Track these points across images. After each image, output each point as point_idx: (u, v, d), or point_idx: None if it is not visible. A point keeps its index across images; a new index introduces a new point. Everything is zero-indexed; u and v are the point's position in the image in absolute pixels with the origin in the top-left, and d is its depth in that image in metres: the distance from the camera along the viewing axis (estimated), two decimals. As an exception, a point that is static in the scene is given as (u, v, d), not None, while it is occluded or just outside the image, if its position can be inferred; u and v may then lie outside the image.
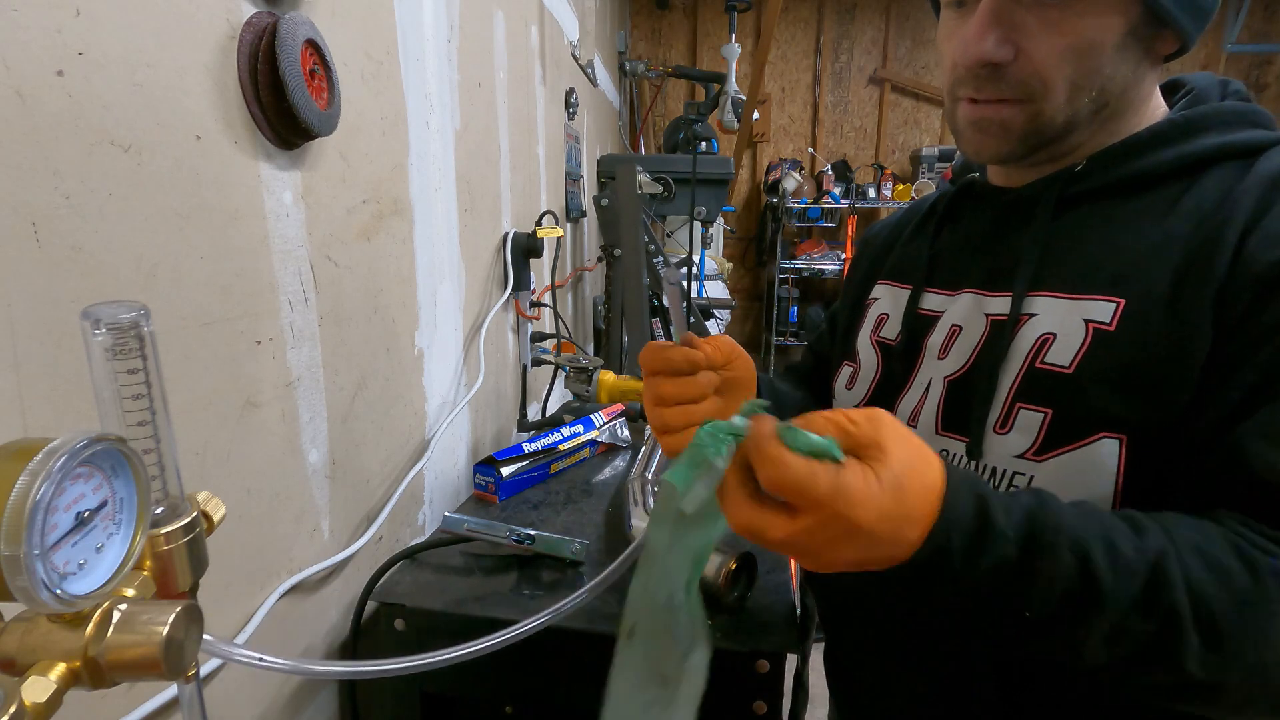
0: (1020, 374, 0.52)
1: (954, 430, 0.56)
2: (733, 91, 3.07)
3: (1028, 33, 0.49)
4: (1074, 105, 0.51)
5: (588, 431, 1.13)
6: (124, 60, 0.47)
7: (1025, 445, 0.51)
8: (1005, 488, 0.52)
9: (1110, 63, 0.49)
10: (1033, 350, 0.51)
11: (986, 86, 0.52)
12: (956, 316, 0.58)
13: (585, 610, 0.70)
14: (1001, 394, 0.52)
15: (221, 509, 0.40)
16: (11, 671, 0.30)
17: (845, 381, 0.68)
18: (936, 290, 0.62)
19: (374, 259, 0.84)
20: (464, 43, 1.12)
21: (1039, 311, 0.52)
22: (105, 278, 0.46)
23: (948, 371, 0.57)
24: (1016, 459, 0.51)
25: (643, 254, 2.07)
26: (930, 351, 0.59)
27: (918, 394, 0.60)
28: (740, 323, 4.66)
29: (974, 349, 0.56)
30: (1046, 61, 0.49)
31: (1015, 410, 0.52)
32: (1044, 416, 0.50)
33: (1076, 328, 0.50)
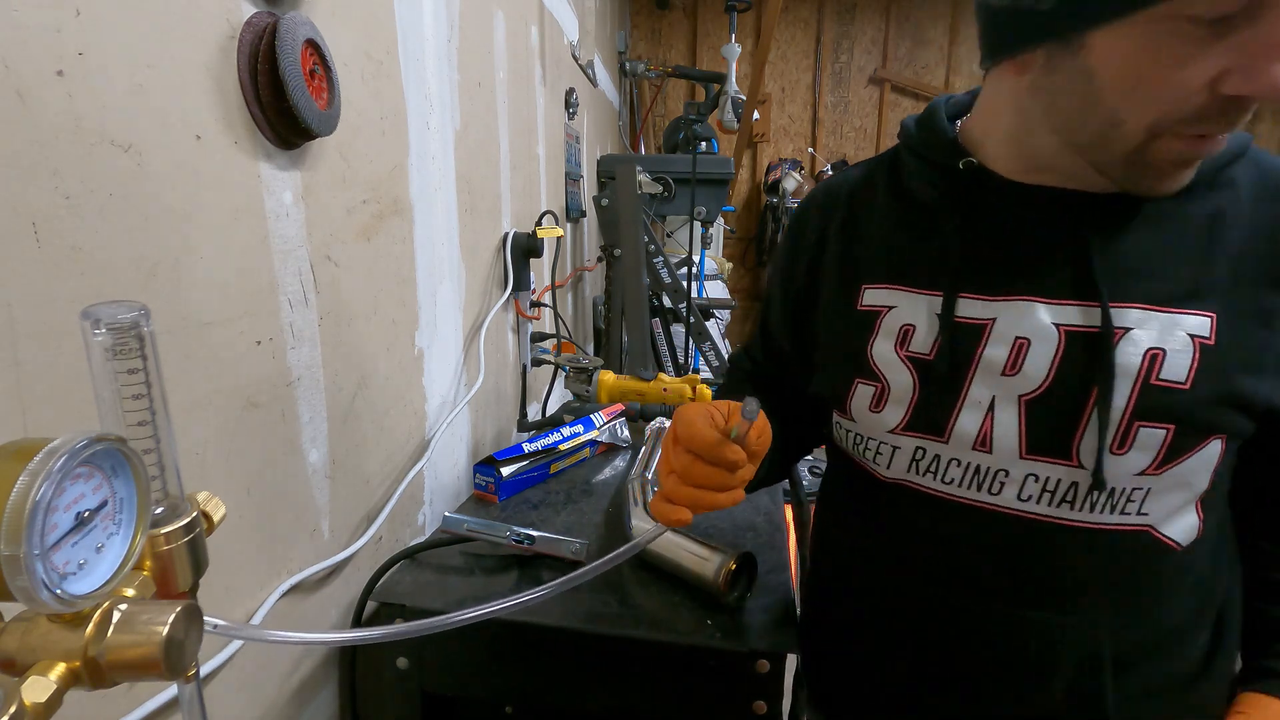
0: (1135, 392, 0.50)
1: (1047, 454, 0.52)
2: (733, 91, 3.07)
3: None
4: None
5: (588, 431, 1.13)
6: (124, 60, 0.47)
7: (1146, 463, 0.50)
8: (1123, 505, 0.52)
9: None
10: (1144, 367, 0.50)
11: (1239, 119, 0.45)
12: (1016, 327, 0.53)
13: (585, 610, 0.70)
14: (1117, 415, 0.50)
15: (221, 509, 0.40)
16: (11, 671, 0.30)
17: (869, 403, 0.60)
18: (975, 296, 0.55)
19: (374, 259, 0.84)
20: (464, 43, 1.12)
21: (1133, 325, 0.50)
22: (105, 278, 0.46)
23: (1023, 390, 0.53)
24: (1136, 476, 0.51)
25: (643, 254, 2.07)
26: (989, 366, 0.54)
27: (979, 414, 0.54)
28: (740, 323, 4.66)
29: (1051, 364, 0.52)
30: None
31: (1134, 430, 0.50)
32: (1166, 433, 0.50)
33: (1183, 343, 0.49)
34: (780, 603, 0.72)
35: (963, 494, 0.56)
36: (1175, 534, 0.54)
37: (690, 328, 2.27)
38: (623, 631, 0.67)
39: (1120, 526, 0.53)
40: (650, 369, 1.85)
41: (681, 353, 2.45)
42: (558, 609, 0.70)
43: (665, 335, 2.43)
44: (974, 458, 0.55)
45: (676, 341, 2.46)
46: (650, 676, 0.68)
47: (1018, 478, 0.54)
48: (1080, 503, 0.52)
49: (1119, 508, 0.52)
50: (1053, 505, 0.53)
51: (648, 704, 0.69)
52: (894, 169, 0.63)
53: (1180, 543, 0.54)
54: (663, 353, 2.42)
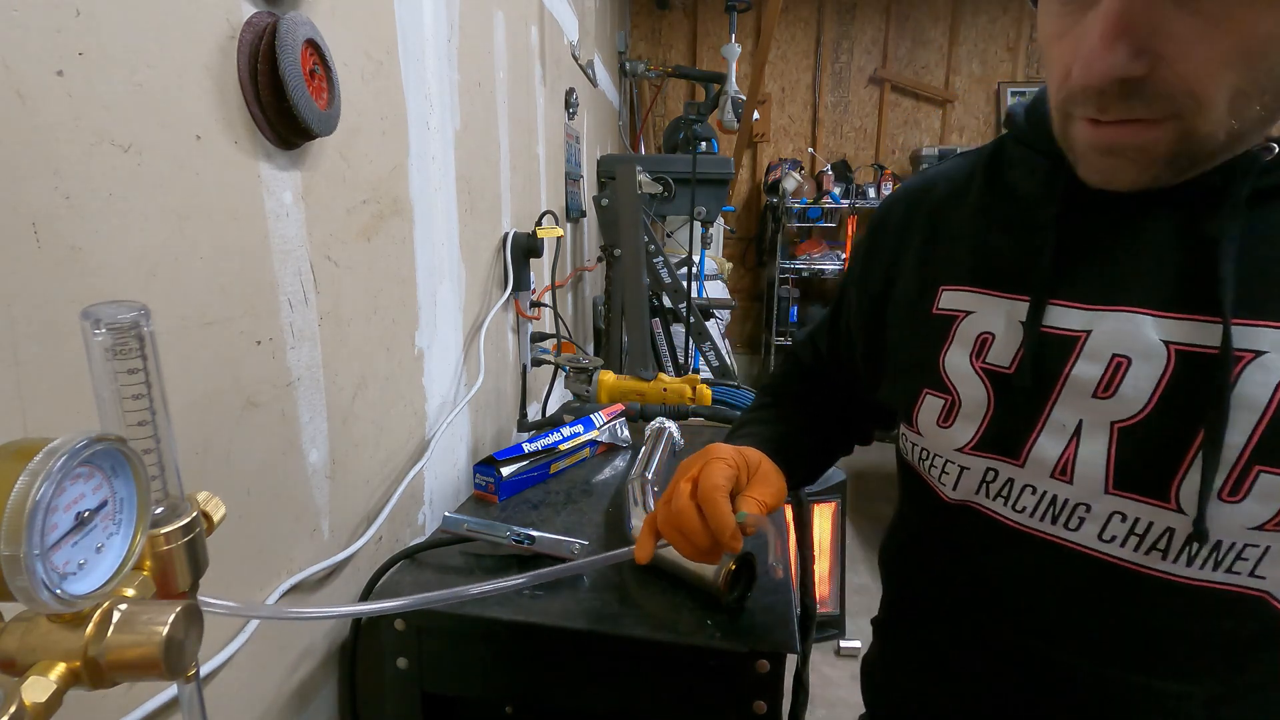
0: (1260, 429, 0.41)
1: (1138, 491, 0.45)
2: (733, 91, 3.07)
3: (1172, 37, 0.37)
4: (1244, 117, 0.39)
5: (588, 431, 1.13)
6: (124, 60, 0.47)
7: (1266, 516, 0.42)
8: (1230, 562, 0.44)
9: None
10: (1275, 400, 0.41)
11: (1114, 106, 0.40)
12: (1114, 343, 0.46)
13: (585, 610, 0.70)
14: (1231, 454, 0.42)
15: (221, 509, 0.40)
16: (11, 671, 0.30)
17: (938, 416, 0.55)
18: (1068, 303, 0.48)
19: (374, 259, 0.84)
20: (464, 43, 1.12)
21: (1268, 348, 0.41)
22: (105, 278, 0.46)
23: (1118, 416, 0.45)
24: (1252, 530, 0.42)
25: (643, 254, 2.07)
26: (1078, 386, 0.47)
27: (1062, 438, 0.48)
28: (740, 323, 4.66)
29: (1155, 389, 0.44)
30: (1200, 71, 0.37)
31: (1253, 474, 0.42)
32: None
33: None
34: (780, 603, 0.72)
35: (1035, 525, 0.50)
36: None
37: (690, 328, 2.27)
38: (623, 631, 0.67)
39: (1226, 587, 0.44)
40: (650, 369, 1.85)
41: (681, 353, 2.45)
42: (558, 609, 0.70)
43: (665, 335, 2.43)
44: (1052, 487, 0.48)
45: (676, 341, 2.46)
46: (650, 676, 0.68)
47: (1101, 515, 0.47)
48: (1175, 553, 0.44)
49: (1225, 565, 0.43)
50: (1140, 551, 0.46)
51: (648, 704, 0.69)
52: (994, 161, 0.56)
53: None
54: (663, 353, 2.42)
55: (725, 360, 2.37)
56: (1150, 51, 0.38)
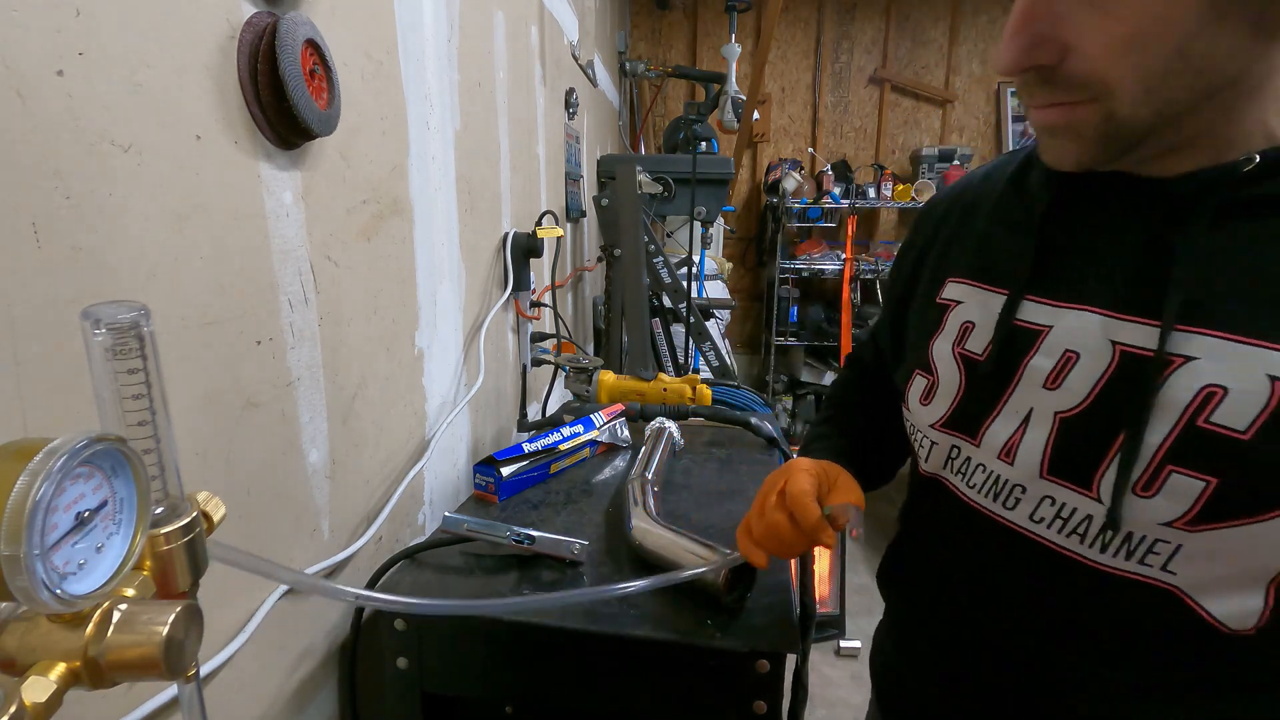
0: (1175, 431, 0.43)
1: (1067, 478, 0.49)
2: (733, 91, 3.07)
3: (1075, 26, 0.41)
4: (1159, 97, 0.41)
5: (588, 431, 1.13)
6: (124, 60, 0.47)
7: (1176, 514, 0.43)
8: (1143, 554, 0.46)
9: (1202, 39, 0.39)
10: (1194, 404, 0.43)
11: (1039, 92, 0.45)
12: (1070, 339, 0.49)
13: (585, 610, 0.70)
14: (1148, 452, 0.44)
15: (221, 509, 0.40)
16: (11, 671, 0.30)
17: (920, 395, 0.60)
18: (1040, 299, 0.51)
19: (374, 259, 0.84)
20: (464, 43, 1.12)
21: (1200, 355, 0.43)
22: (105, 278, 0.46)
23: (1061, 407, 0.49)
24: (1163, 526, 0.44)
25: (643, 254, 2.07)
26: (1033, 376, 0.50)
27: (1013, 422, 0.51)
28: (740, 323, 4.66)
29: (1096, 384, 0.47)
30: (1102, 57, 0.41)
31: (1165, 473, 0.44)
32: (1205, 486, 0.42)
33: (1257, 384, 0.41)
34: (780, 603, 0.72)
35: (981, 501, 0.55)
36: (1220, 612, 0.44)
37: (690, 328, 2.27)
38: (623, 631, 0.67)
39: (1138, 577, 0.46)
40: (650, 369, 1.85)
41: (681, 353, 2.45)
42: (558, 609, 0.70)
43: (665, 335, 2.43)
44: (997, 467, 0.53)
45: (676, 341, 2.46)
46: (650, 676, 0.68)
47: (1034, 497, 0.50)
48: (1092, 539, 0.48)
49: (1138, 555, 0.46)
50: (1063, 534, 0.49)
51: (648, 704, 0.69)
52: (1027, 160, 0.58)
53: (1228, 625, 0.45)
54: (663, 353, 2.42)
55: (725, 360, 2.37)
56: (1057, 41, 0.42)
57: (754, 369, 4.67)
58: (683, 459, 1.12)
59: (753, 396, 1.45)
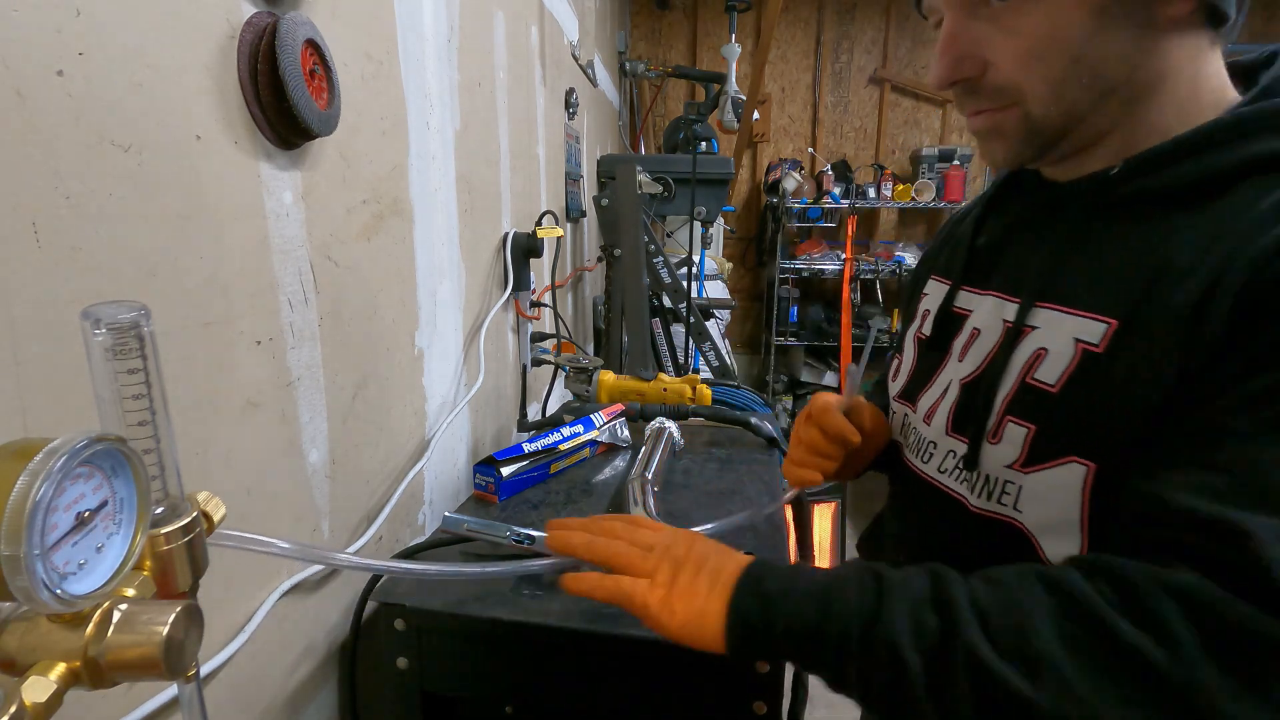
0: (1014, 387, 0.52)
1: (960, 433, 0.58)
2: (733, 91, 3.07)
3: (989, 44, 0.49)
4: (1066, 98, 0.48)
5: (588, 431, 1.13)
6: (124, 60, 0.47)
7: (1012, 457, 0.52)
8: (999, 494, 0.53)
9: (1091, 46, 0.46)
10: (1027, 364, 0.51)
11: (968, 102, 0.53)
12: (978, 319, 0.59)
13: (585, 610, 0.70)
14: (997, 404, 0.53)
15: (221, 509, 0.40)
16: (11, 671, 0.30)
17: (892, 373, 0.72)
18: (970, 289, 0.62)
19: (374, 259, 0.84)
20: (464, 43, 1.12)
21: (1040, 325, 0.52)
22: (105, 278, 0.46)
23: (963, 374, 0.58)
24: (1006, 469, 0.52)
25: (643, 254, 2.07)
26: (954, 353, 0.60)
27: (937, 393, 0.61)
28: (740, 322, 4.66)
29: (988, 355, 0.56)
30: (1015, 67, 0.48)
31: (1005, 422, 0.52)
32: (1028, 431, 0.50)
33: (1067, 346, 0.49)
34: (780, 603, 0.72)
35: (911, 459, 0.65)
36: (1052, 553, 0.50)
37: (690, 328, 2.27)
38: (623, 631, 0.67)
39: (994, 514, 0.54)
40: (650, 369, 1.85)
41: (681, 353, 2.45)
42: (558, 609, 0.70)
43: (665, 335, 2.43)
44: (922, 428, 0.63)
45: (676, 341, 2.46)
46: (650, 676, 0.68)
47: (941, 451, 0.60)
48: (967, 480, 0.57)
49: (995, 496, 0.54)
50: (956, 480, 0.58)
51: (648, 704, 0.69)
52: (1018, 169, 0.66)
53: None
54: (663, 353, 2.42)
55: (725, 360, 2.37)
56: (977, 58, 0.50)
57: (754, 369, 4.67)
58: (683, 459, 1.12)
59: (753, 396, 1.45)
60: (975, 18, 0.49)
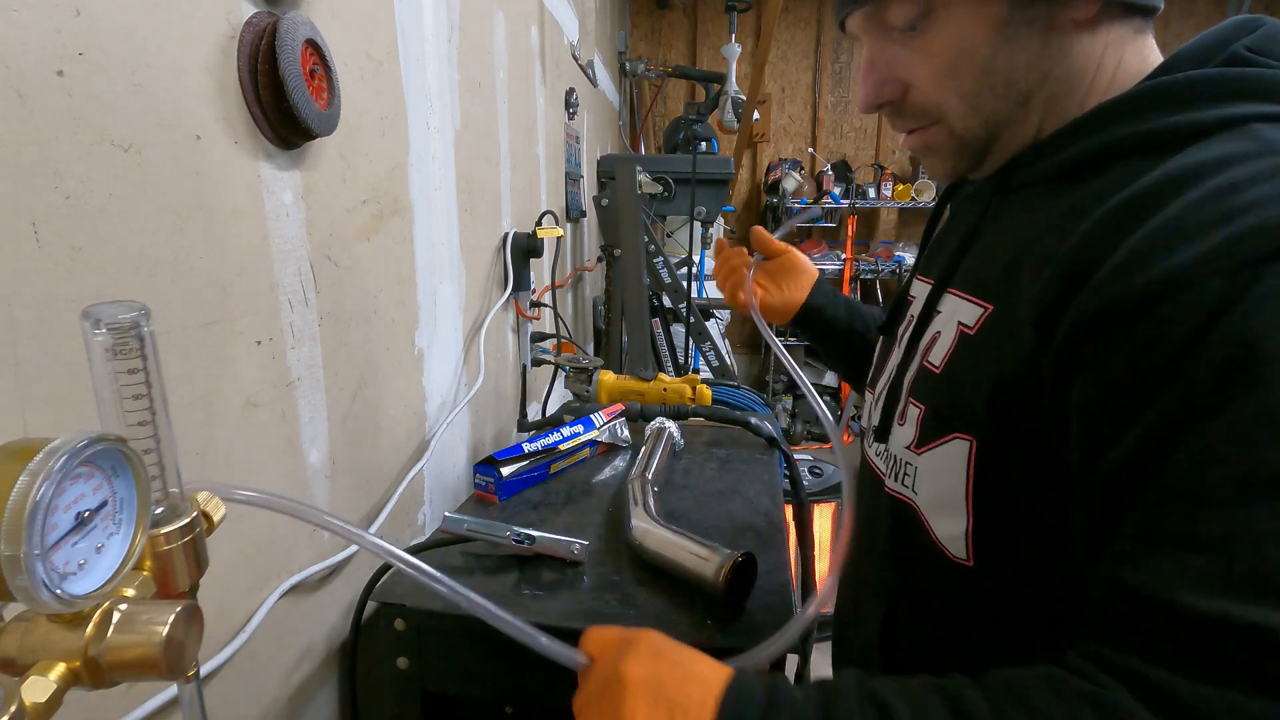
0: (915, 370, 0.55)
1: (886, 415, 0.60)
2: (733, 91, 3.07)
3: (906, 67, 0.51)
4: (983, 110, 0.50)
5: (588, 431, 1.13)
6: (124, 60, 0.47)
7: (910, 438, 0.54)
8: (901, 475, 0.55)
9: (999, 58, 0.48)
10: (925, 347, 0.54)
11: (898, 122, 0.55)
12: (916, 306, 0.61)
13: (585, 610, 0.70)
14: (904, 388, 0.56)
15: (221, 509, 0.40)
16: (11, 671, 0.30)
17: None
18: (920, 278, 0.64)
19: (374, 259, 0.84)
20: (464, 43, 1.12)
21: (943, 309, 0.54)
22: (105, 278, 0.46)
23: (897, 359, 0.60)
24: (905, 449, 0.54)
25: (643, 254, 2.07)
26: (900, 339, 0.62)
27: (885, 380, 0.63)
28: (740, 323, 4.66)
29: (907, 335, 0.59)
30: (932, 87, 0.50)
31: (908, 404, 0.55)
32: (919, 412, 0.53)
33: (952, 328, 0.51)
34: (780, 603, 0.72)
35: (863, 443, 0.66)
36: (941, 533, 0.51)
37: (690, 328, 2.27)
38: (623, 631, 0.67)
39: (899, 494, 0.56)
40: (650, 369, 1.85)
41: (681, 353, 2.45)
42: (558, 609, 0.70)
43: (665, 335, 2.43)
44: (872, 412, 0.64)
45: (676, 341, 2.46)
46: (650, 676, 0.68)
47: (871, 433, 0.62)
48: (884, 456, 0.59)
49: (899, 476, 0.56)
50: (880, 460, 0.60)
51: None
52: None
53: (949, 549, 0.51)
54: (663, 353, 2.42)
55: (725, 360, 2.37)
56: (898, 80, 0.52)
57: (754, 369, 4.67)
58: (683, 459, 1.12)
59: (753, 396, 1.46)
60: (891, 42, 0.51)
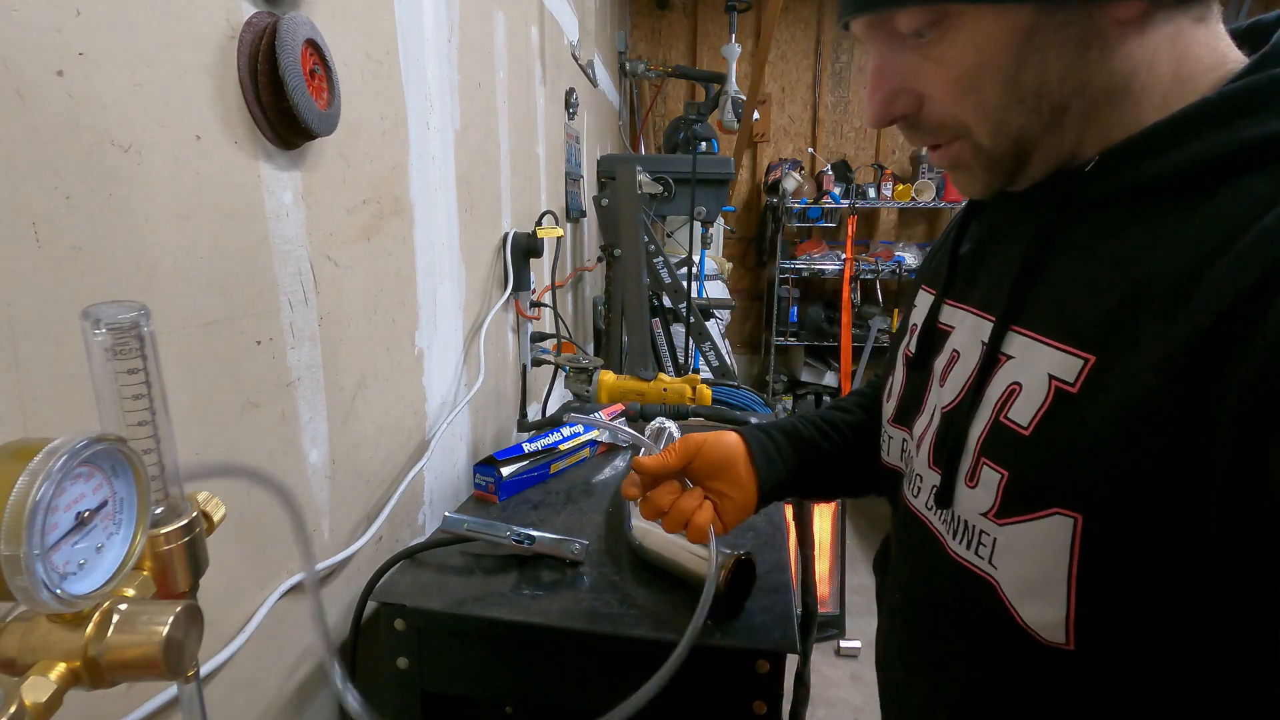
0: (988, 426, 0.45)
1: (940, 465, 0.50)
2: (733, 91, 3.07)
3: (920, 77, 0.45)
4: (1010, 125, 0.43)
5: (588, 431, 1.13)
6: (124, 60, 0.47)
7: (987, 505, 0.45)
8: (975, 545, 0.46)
9: (1028, 69, 0.41)
10: (1001, 400, 0.45)
11: (915, 137, 0.48)
12: (958, 338, 0.52)
13: (585, 610, 0.70)
14: (971, 443, 0.46)
15: (221, 509, 0.40)
16: (11, 671, 0.30)
17: (887, 392, 0.63)
18: (953, 302, 0.54)
19: (374, 259, 0.84)
20: (464, 43, 1.12)
21: (1015, 354, 0.45)
22: (105, 278, 0.46)
23: (944, 402, 0.51)
24: (981, 516, 0.45)
25: (643, 254, 2.07)
26: (936, 374, 0.53)
27: (926, 419, 0.54)
28: (740, 322, 4.66)
29: (966, 381, 0.49)
30: (948, 100, 0.44)
31: (980, 464, 0.45)
32: (1001, 478, 0.44)
33: (1040, 382, 0.42)
34: (780, 603, 0.72)
35: (906, 489, 0.58)
36: (1029, 616, 0.43)
37: (690, 328, 2.27)
38: (623, 631, 0.67)
39: (970, 565, 0.47)
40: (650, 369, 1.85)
41: (681, 353, 2.45)
42: (557, 609, 0.70)
43: (665, 335, 2.43)
44: (915, 457, 0.55)
45: (676, 341, 2.46)
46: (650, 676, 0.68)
47: (927, 485, 0.52)
48: (945, 519, 0.50)
49: (973, 547, 0.47)
50: (938, 520, 0.51)
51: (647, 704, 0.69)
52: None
53: (1040, 633, 0.43)
54: (663, 353, 2.42)
55: (725, 360, 2.37)
56: (911, 92, 0.46)
57: (754, 369, 4.67)
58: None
59: (753, 396, 1.46)
60: (902, 49, 0.45)
